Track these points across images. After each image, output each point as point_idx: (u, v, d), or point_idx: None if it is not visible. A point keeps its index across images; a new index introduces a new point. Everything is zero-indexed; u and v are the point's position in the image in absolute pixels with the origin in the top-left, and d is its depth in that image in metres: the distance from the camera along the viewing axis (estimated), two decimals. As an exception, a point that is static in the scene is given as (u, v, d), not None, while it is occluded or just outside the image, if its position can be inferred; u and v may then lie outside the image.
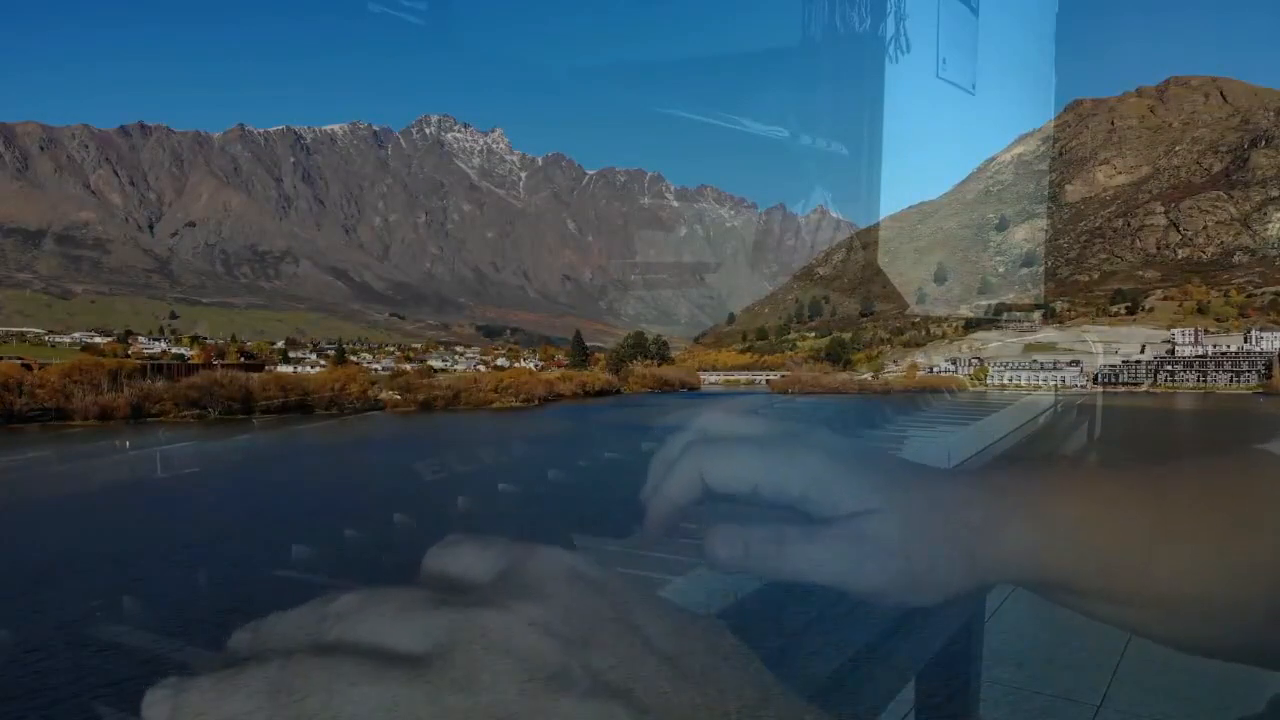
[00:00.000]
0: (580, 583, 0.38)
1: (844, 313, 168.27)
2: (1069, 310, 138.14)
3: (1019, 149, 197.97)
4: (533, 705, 0.31)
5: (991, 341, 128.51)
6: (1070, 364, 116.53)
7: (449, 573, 0.40)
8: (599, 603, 0.36)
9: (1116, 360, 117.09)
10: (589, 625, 0.35)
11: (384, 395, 78.94)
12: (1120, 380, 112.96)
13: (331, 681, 0.30)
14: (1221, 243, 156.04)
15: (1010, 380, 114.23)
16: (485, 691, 0.33)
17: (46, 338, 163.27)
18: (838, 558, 0.47)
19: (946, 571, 0.48)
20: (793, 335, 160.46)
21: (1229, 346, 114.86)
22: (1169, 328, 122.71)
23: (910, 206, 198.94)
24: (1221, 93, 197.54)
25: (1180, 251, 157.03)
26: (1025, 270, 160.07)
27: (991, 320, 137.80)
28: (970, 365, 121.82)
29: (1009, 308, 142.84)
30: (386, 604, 0.36)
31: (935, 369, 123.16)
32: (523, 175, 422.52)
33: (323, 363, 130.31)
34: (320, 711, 0.31)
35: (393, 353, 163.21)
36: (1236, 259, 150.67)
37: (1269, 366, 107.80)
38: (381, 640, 0.33)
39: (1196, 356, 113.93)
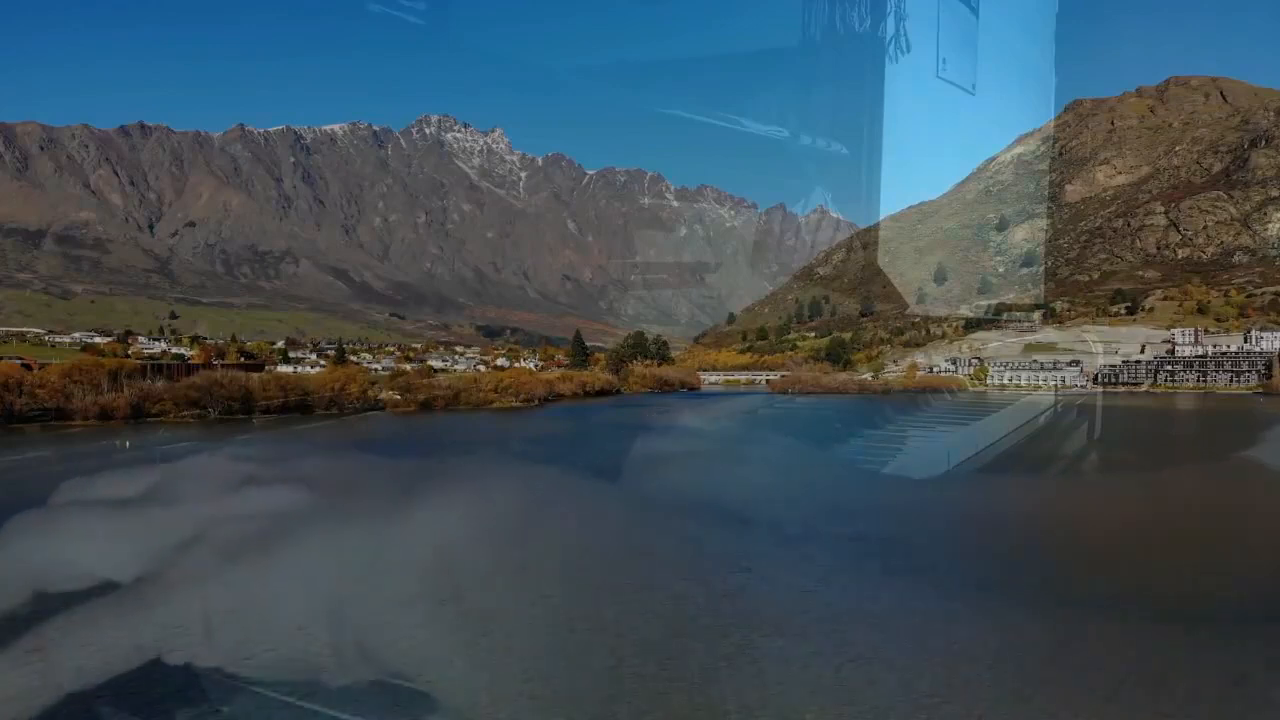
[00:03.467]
0: (566, 560, 0.96)
1: (844, 313, 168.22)
2: (1069, 310, 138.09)
3: (1019, 149, 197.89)
4: (529, 651, 1.03)
5: (991, 341, 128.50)
6: (1070, 364, 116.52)
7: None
8: (586, 574, 0.95)
9: (1116, 360, 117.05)
10: (576, 590, 0.97)
11: (384, 395, 78.89)
12: (1120, 380, 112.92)
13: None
14: (1221, 243, 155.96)
15: (1010, 380, 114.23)
16: (487, 641, 0.99)
17: (46, 338, 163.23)
18: (799, 555, 0.75)
19: (911, 571, 0.77)
20: (793, 335, 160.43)
21: (1229, 346, 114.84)
22: (1169, 328, 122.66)
23: (910, 206, 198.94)
24: (1221, 93, 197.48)
25: (1180, 251, 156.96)
26: (1025, 270, 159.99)
27: (991, 320, 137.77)
28: (970, 365, 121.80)
29: (1009, 308, 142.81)
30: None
31: (935, 369, 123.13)
32: (523, 175, 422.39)
33: (323, 363, 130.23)
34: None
35: (393, 353, 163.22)
36: (1236, 259, 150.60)
37: (1269, 366, 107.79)
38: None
39: (1196, 356, 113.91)
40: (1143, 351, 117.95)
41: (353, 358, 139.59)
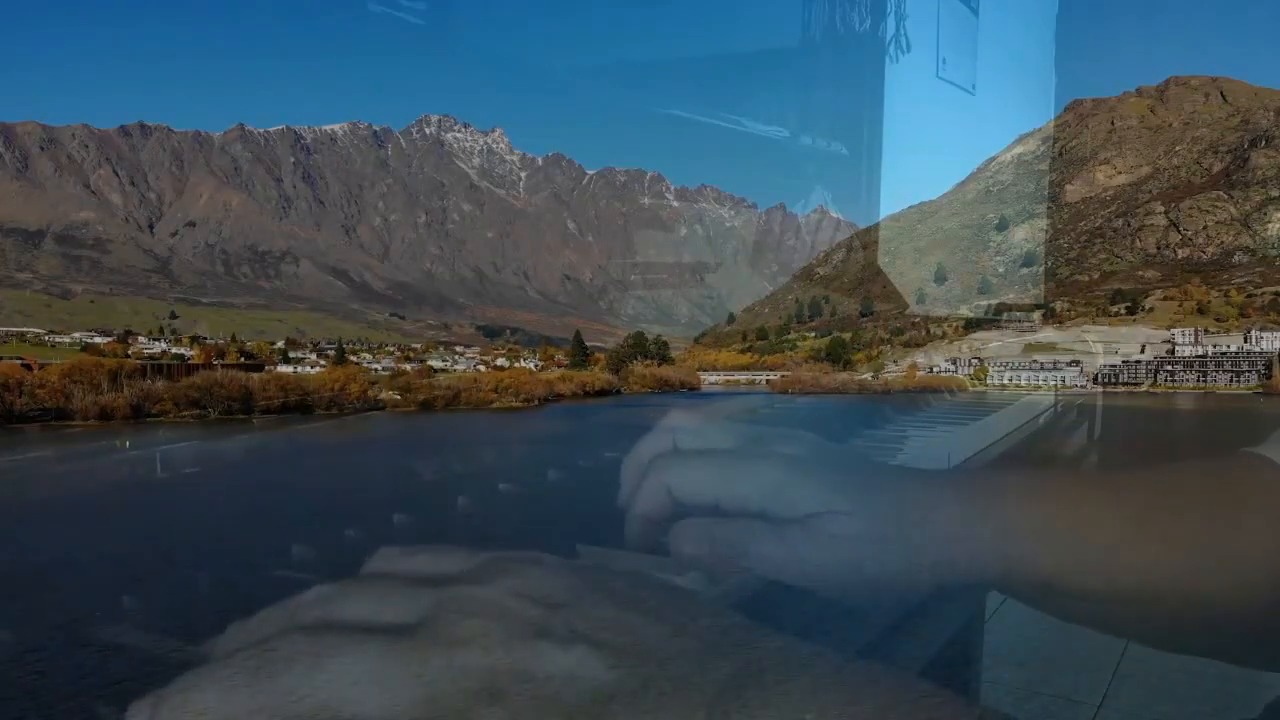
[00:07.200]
0: (560, 565, 0.38)
1: (844, 313, 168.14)
2: (1069, 310, 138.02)
3: (1019, 149, 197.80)
4: (515, 658, 0.31)
5: (991, 341, 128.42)
6: (1070, 364, 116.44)
7: (420, 571, 0.40)
8: (580, 578, 0.37)
9: (1116, 360, 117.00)
10: (571, 592, 0.36)
11: (384, 395, 78.88)
12: (1120, 380, 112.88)
13: (312, 655, 0.29)
14: (1221, 243, 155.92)
15: (1010, 380, 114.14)
16: (468, 650, 0.32)
17: (46, 338, 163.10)
18: (795, 555, 0.47)
19: (909, 573, 0.47)
20: (793, 335, 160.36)
21: (1229, 346, 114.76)
22: (1169, 328, 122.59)
23: (910, 206, 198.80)
24: (1221, 93, 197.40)
25: (1180, 251, 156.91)
26: (1025, 270, 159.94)
27: (991, 320, 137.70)
28: (970, 365, 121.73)
29: (1009, 308, 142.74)
30: (368, 588, 0.36)
31: (935, 369, 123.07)
32: (523, 175, 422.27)
33: (323, 363, 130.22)
34: (301, 684, 0.28)
35: (393, 353, 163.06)
36: (1236, 259, 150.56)
37: (1269, 366, 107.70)
38: (364, 617, 0.32)
39: (1196, 356, 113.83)
40: (1143, 351, 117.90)
41: (353, 358, 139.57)
